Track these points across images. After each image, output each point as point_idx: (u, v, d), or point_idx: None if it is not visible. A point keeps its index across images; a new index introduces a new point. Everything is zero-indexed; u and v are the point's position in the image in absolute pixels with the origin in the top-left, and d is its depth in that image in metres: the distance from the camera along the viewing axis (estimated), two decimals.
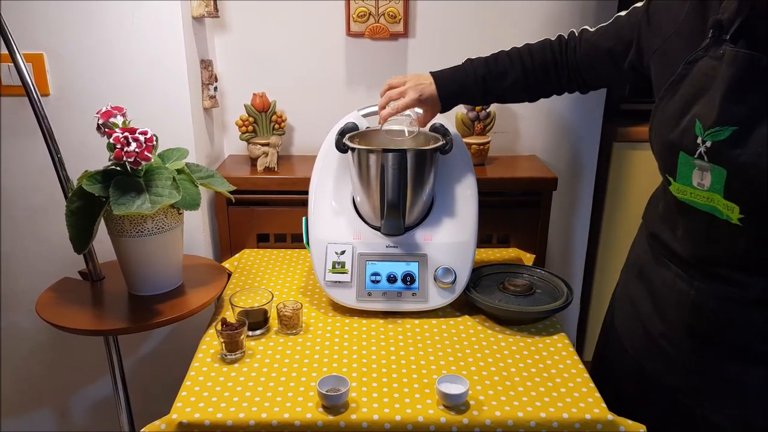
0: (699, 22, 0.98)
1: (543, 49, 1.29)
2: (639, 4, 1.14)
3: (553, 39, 1.30)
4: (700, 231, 1.00)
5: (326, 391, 1.07)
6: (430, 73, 1.32)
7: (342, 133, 1.40)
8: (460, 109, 1.83)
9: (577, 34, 1.27)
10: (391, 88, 1.33)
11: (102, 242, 1.41)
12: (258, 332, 1.30)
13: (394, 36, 1.82)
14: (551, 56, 1.28)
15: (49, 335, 1.81)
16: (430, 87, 1.30)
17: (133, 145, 1.24)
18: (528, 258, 1.71)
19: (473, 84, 1.30)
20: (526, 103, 1.48)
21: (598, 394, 1.12)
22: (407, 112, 1.36)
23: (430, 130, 1.43)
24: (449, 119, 1.49)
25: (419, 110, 1.35)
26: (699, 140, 0.93)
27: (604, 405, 1.09)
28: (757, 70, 0.87)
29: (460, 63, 1.34)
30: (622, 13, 1.19)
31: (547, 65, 1.28)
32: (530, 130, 1.94)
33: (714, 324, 1.02)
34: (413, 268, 1.38)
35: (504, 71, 1.29)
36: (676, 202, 1.03)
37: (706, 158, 0.93)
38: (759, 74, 0.87)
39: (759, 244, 0.95)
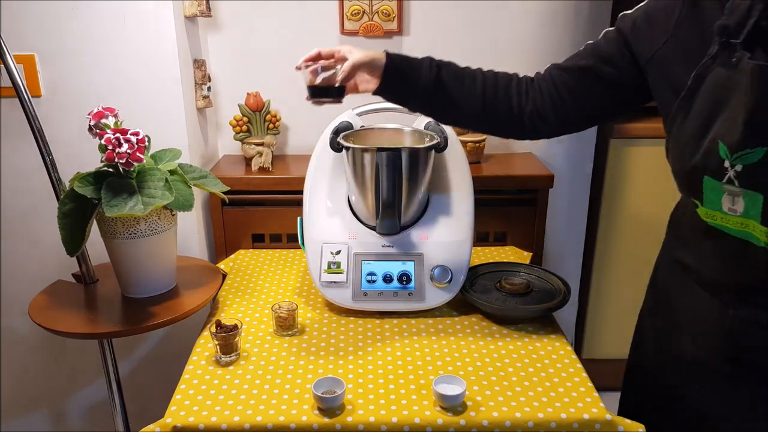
0: (695, 30, 0.91)
1: (506, 74, 1.17)
2: (611, 28, 1.07)
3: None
4: (732, 257, 0.92)
5: (322, 393, 1.06)
6: None
7: (336, 132, 1.39)
8: None
9: (543, 71, 1.16)
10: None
11: (95, 244, 1.40)
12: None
13: (389, 34, 1.81)
14: (516, 82, 1.15)
15: (43, 338, 1.80)
16: (379, 53, 1.13)
17: (125, 146, 1.23)
18: (525, 256, 1.70)
19: (426, 68, 1.13)
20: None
21: (596, 394, 1.11)
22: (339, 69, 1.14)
23: (424, 129, 1.42)
24: None
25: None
26: (726, 164, 0.83)
27: (602, 404, 1.08)
28: None
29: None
30: (593, 41, 1.10)
31: (510, 86, 1.14)
32: None
33: (752, 349, 0.96)
34: (409, 267, 1.37)
35: (461, 72, 1.15)
36: (705, 226, 0.94)
37: (736, 183, 0.83)
38: None
39: None
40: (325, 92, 1.13)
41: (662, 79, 0.98)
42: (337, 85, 1.12)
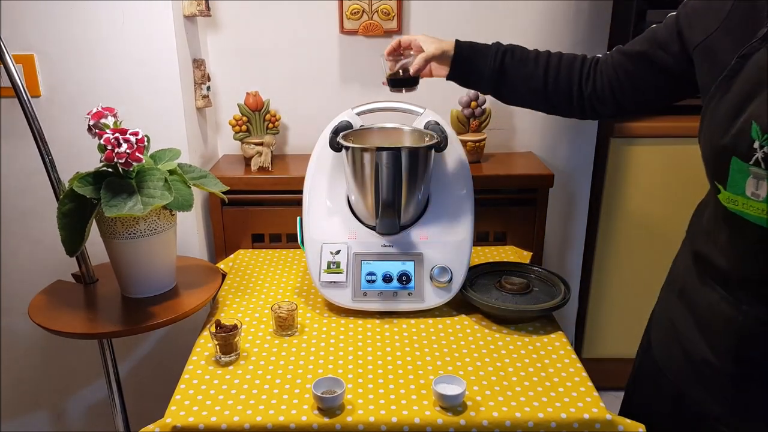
0: (748, 16, 0.91)
1: (571, 56, 1.22)
2: (672, 13, 1.09)
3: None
4: (750, 247, 0.92)
5: (322, 393, 1.06)
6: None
7: (336, 132, 1.39)
8: (455, 107, 1.82)
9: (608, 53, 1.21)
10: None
11: (95, 244, 1.39)
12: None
13: (388, 33, 1.81)
14: (581, 64, 1.20)
15: (43, 338, 1.80)
16: (449, 44, 1.25)
17: (124, 146, 1.22)
18: (525, 256, 1.70)
19: (492, 56, 1.22)
20: None
21: (596, 394, 1.11)
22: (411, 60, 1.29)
23: (424, 128, 1.42)
24: (444, 117, 1.48)
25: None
26: (756, 145, 0.83)
27: (602, 404, 1.08)
28: None
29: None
30: (655, 25, 1.12)
31: (573, 68, 1.20)
32: (526, 126, 1.93)
33: (762, 351, 0.95)
34: (409, 267, 1.36)
35: (526, 57, 1.22)
36: (725, 213, 0.92)
37: (763, 165, 0.82)
38: None
39: None
40: (402, 82, 1.30)
41: (707, 65, 0.98)
42: (411, 74, 1.28)
